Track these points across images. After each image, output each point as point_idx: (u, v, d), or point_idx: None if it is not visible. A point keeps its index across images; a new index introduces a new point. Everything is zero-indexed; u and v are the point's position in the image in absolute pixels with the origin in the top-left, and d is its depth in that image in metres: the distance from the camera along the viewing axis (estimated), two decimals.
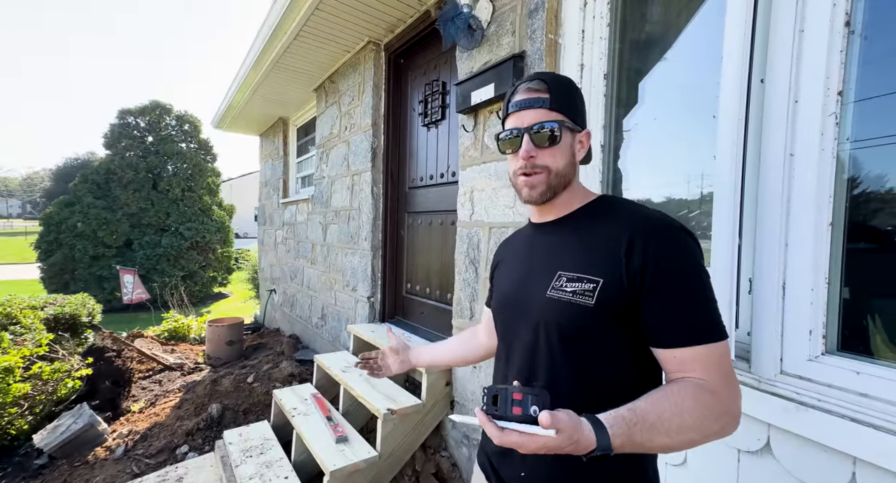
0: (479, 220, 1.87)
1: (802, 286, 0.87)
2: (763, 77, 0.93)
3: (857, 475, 0.78)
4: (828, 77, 0.82)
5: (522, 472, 0.70)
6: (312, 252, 3.87)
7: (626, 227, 0.63)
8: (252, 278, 6.71)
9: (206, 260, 10.25)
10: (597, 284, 0.62)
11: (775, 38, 0.90)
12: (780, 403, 0.88)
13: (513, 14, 1.70)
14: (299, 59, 3.19)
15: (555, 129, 0.67)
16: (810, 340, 0.86)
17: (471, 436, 1.93)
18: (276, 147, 5.19)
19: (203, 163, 11.06)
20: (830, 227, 0.84)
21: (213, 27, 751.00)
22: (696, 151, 1.37)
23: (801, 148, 0.86)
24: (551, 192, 0.71)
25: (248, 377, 3.05)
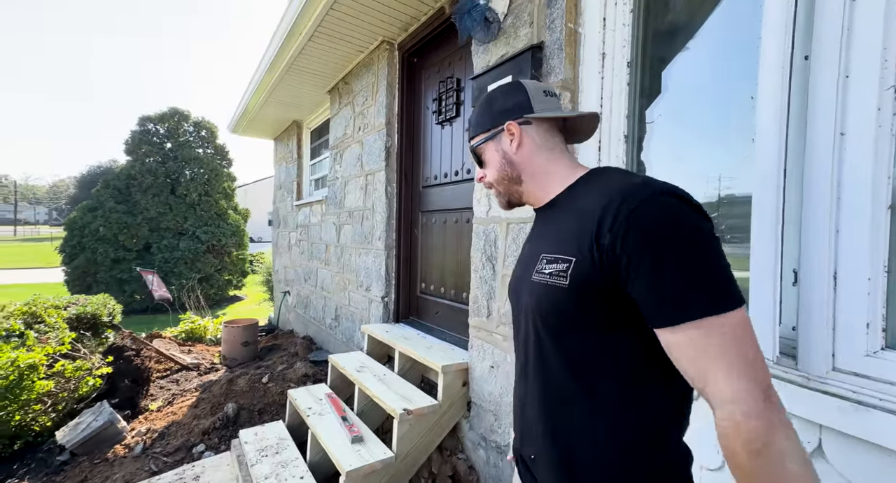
0: (496, 217, 1.83)
1: (857, 276, 0.80)
2: (807, 54, 0.87)
3: None
4: (885, 48, 0.76)
5: (533, 453, 0.70)
6: (326, 253, 3.88)
7: (599, 200, 0.57)
8: (266, 281, 6.78)
9: (222, 263, 10.43)
10: (569, 264, 0.58)
11: (822, 11, 0.84)
12: (834, 403, 0.81)
13: (530, 5, 1.67)
14: (314, 60, 3.21)
15: (475, 153, 0.80)
16: (868, 334, 0.79)
17: (488, 438, 1.87)
18: (289, 150, 5.24)
19: (219, 168, 11.29)
20: (889, 210, 0.77)
21: (230, 30, 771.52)
22: (723, 144, 1.31)
23: (854, 126, 0.79)
24: (505, 198, 0.80)
25: (262, 377, 3.05)
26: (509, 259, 1.75)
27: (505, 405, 1.77)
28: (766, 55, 0.92)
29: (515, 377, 0.77)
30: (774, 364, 0.92)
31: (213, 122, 11.79)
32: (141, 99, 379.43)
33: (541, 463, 0.68)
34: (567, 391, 0.62)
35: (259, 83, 3.84)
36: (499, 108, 0.75)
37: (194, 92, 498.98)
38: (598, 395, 0.60)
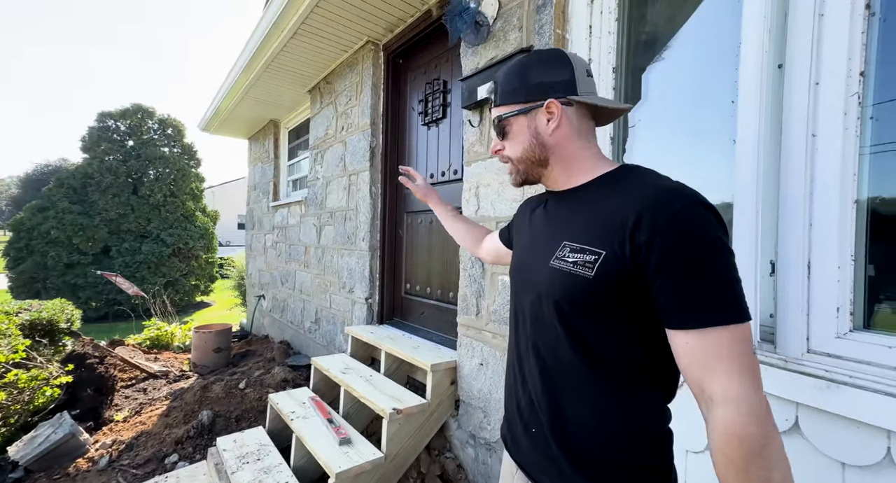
0: (486, 215, 1.86)
1: (828, 264, 0.88)
2: (781, 62, 0.95)
3: (892, 449, 0.78)
4: (850, 58, 0.84)
5: (533, 426, 0.72)
6: (305, 255, 3.79)
7: (636, 199, 0.58)
8: (238, 285, 6.52)
9: (189, 267, 9.95)
10: (598, 257, 0.59)
11: (794, 24, 0.92)
12: (810, 382, 0.88)
13: (520, 10, 1.72)
14: (295, 58, 3.15)
15: (500, 123, 0.73)
16: (838, 318, 0.87)
17: (477, 435, 1.88)
18: (266, 150, 5.10)
19: (186, 167, 10.81)
20: (855, 204, 0.85)
21: (196, 31, 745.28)
22: (704, 144, 1.40)
23: (824, 128, 0.88)
24: (522, 176, 0.75)
25: (239, 383, 2.93)
26: None
27: (494, 402, 1.79)
28: (745, 63, 1.00)
29: (514, 355, 0.78)
30: (755, 349, 0.99)
31: (179, 120, 11.29)
32: (99, 97, 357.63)
33: (541, 437, 0.69)
34: (575, 370, 0.65)
35: (235, 80, 3.73)
36: (537, 80, 0.68)
37: (160, 89, 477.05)
38: (602, 377, 0.63)
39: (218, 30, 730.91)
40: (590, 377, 0.64)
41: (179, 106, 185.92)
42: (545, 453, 0.68)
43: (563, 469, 0.65)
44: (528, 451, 0.72)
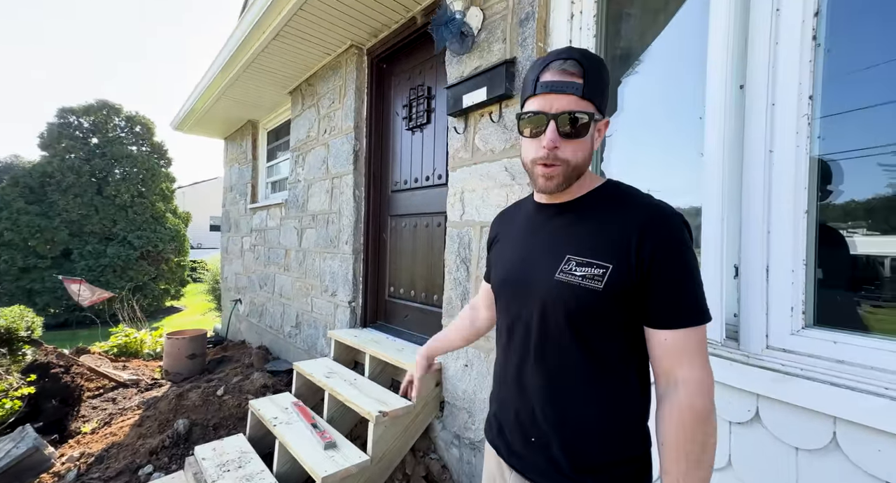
0: (471, 220, 1.90)
1: (784, 268, 0.97)
2: (742, 83, 1.05)
3: (837, 433, 0.87)
4: (800, 83, 0.94)
5: (533, 436, 0.74)
6: (286, 258, 3.73)
7: (637, 218, 0.65)
8: (213, 289, 6.31)
9: (159, 271, 9.54)
10: (606, 270, 0.64)
11: (753, 50, 1.02)
12: (768, 375, 0.97)
13: (503, 23, 1.79)
14: (276, 60, 3.12)
15: (584, 122, 0.64)
16: (792, 316, 0.96)
17: (462, 435, 1.92)
18: (243, 150, 4.99)
19: (156, 167, 10.38)
20: (806, 214, 0.95)
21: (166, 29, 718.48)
22: (674, 157, 1.50)
23: (779, 145, 0.97)
24: (566, 184, 0.70)
25: (217, 390, 2.85)
26: (483, 261, 1.83)
27: (479, 402, 1.84)
28: (711, 82, 1.09)
29: (510, 368, 0.78)
30: (721, 346, 1.07)
31: (149, 117, 10.84)
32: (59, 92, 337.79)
33: (542, 443, 0.72)
34: (582, 375, 0.69)
35: (213, 79, 3.64)
36: (607, 94, 0.70)
37: (128, 88, 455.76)
38: (606, 379, 0.69)
39: (191, 29, 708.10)
40: (595, 380, 0.69)
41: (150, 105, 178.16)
42: (544, 455, 0.71)
43: (561, 468, 0.69)
44: (526, 455, 0.74)
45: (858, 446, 0.84)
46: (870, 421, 0.81)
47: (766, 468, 0.98)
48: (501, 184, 1.76)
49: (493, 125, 1.80)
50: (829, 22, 0.94)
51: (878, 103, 0.94)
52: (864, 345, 0.87)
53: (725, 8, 1.05)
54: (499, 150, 1.78)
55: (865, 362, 0.86)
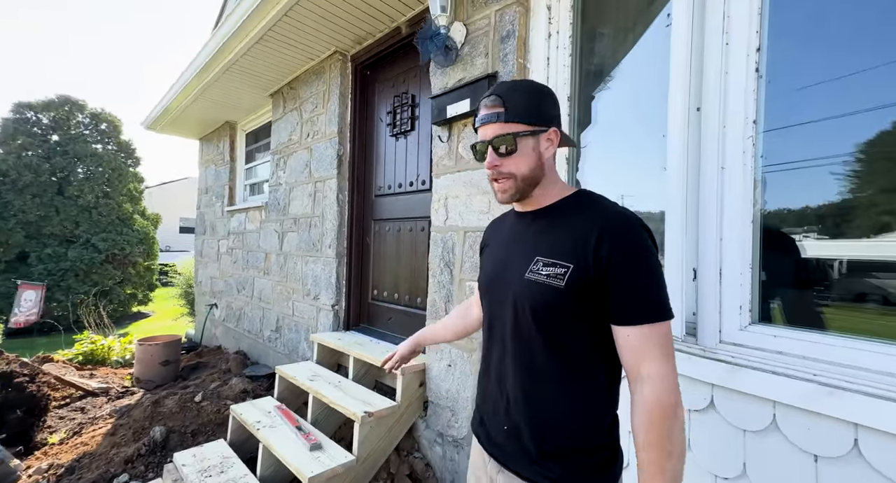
0: (454, 225, 1.98)
1: (734, 271, 1.10)
2: (699, 106, 1.18)
3: (777, 415, 1.00)
4: (746, 109, 1.07)
5: (506, 425, 0.80)
6: (266, 261, 3.70)
7: (597, 221, 0.72)
8: (185, 293, 6.12)
9: (125, 275, 9.14)
10: (567, 269, 0.71)
11: (707, 78, 1.15)
12: (721, 367, 1.09)
13: (486, 38, 1.88)
14: (259, 62, 3.11)
15: (510, 140, 0.75)
16: (740, 314, 1.09)
17: (446, 433, 1.99)
18: (220, 152, 4.90)
19: (123, 166, 9.96)
20: (752, 224, 1.08)
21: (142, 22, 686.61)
22: (637, 166, 1.64)
23: (730, 162, 1.10)
24: (519, 194, 0.79)
25: (195, 396, 2.80)
26: (466, 264, 1.91)
27: (462, 401, 1.91)
28: (672, 105, 1.21)
29: (488, 362, 0.87)
30: (682, 342, 1.19)
31: (115, 115, 10.38)
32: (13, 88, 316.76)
33: (515, 432, 0.78)
34: (549, 371, 0.75)
35: (191, 79, 3.59)
36: (547, 111, 0.79)
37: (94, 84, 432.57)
38: (572, 374, 0.75)
39: (169, 25, 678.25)
40: (563, 376, 0.74)
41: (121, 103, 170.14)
42: (518, 444, 0.78)
43: (531, 455, 0.76)
44: (503, 443, 0.81)
45: (793, 426, 0.96)
46: (802, 404, 0.94)
47: (720, 450, 1.10)
48: (484, 191, 1.85)
49: (476, 135, 1.89)
50: (769, 56, 1.08)
51: (809, 121, 1.08)
52: (798, 338, 1.00)
53: (685, 40, 1.18)
54: None
55: (799, 353, 0.99)
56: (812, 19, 1.11)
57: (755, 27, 1.09)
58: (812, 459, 0.94)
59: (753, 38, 1.08)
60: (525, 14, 1.80)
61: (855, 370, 0.93)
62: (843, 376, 0.93)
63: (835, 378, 0.94)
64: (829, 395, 0.92)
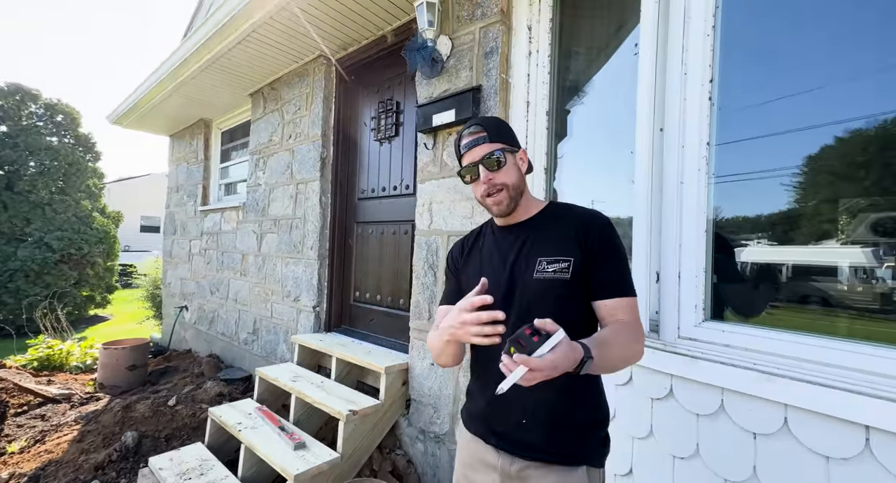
0: (438, 229, 2.07)
1: (690, 274, 1.24)
2: (662, 127, 1.32)
3: (724, 400, 1.14)
4: (700, 131, 1.22)
5: (523, 419, 0.88)
6: (243, 263, 3.64)
7: (577, 221, 0.89)
8: (152, 295, 5.86)
9: (82, 276, 8.61)
10: (570, 262, 0.85)
11: (669, 103, 1.30)
12: (679, 359, 1.23)
13: (470, 53, 1.99)
14: (241, 62, 3.09)
15: (500, 155, 0.90)
16: (695, 312, 1.24)
17: (427, 430, 2.06)
18: (193, 150, 4.77)
19: (81, 161, 9.39)
20: (705, 232, 1.23)
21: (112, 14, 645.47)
22: (609, 176, 1.79)
23: (688, 178, 1.25)
24: (514, 203, 0.92)
25: (168, 400, 2.74)
26: None
27: (444, 398, 1.99)
28: (640, 125, 1.35)
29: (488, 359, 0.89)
30: (646, 337, 1.32)
31: (73, 106, 9.79)
32: None
33: (529, 422, 0.87)
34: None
35: (167, 75, 3.50)
36: (514, 137, 0.96)
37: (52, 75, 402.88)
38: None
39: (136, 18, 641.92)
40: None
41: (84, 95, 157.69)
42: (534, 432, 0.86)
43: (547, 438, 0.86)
44: (517, 436, 0.88)
45: (738, 409, 1.11)
46: (744, 389, 1.09)
47: (678, 433, 1.23)
48: (467, 197, 1.95)
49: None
50: (720, 85, 1.24)
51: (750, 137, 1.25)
52: (742, 332, 1.16)
53: (650, 68, 1.32)
54: None
55: (743, 346, 1.15)
56: (757, 54, 1.28)
57: (708, 61, 1.25)
58: (752, 437, 1.09)
59: (707, 70, 1.24)
60: (507, 32, 1.91)
61: (788, 359, 1.09)
62: (778, 365, 1.09)
63: (771, 366, 1.09)
64: (766, 381, 1.07)
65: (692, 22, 1.27)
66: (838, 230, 1.18)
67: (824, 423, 1.00)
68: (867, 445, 0.96)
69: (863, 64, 1.12)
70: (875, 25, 1.12)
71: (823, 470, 1.01)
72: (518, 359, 0.65)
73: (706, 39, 1.24)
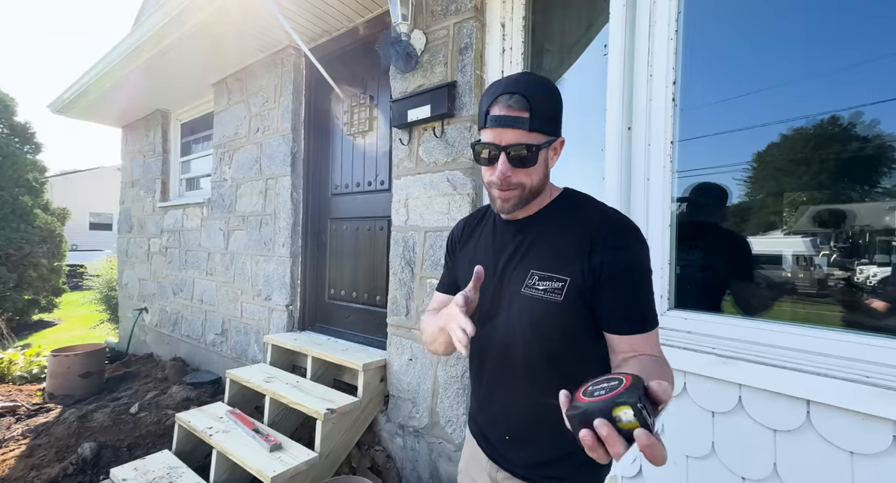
0: (415, 225, 2.07)
1: (657, 267, 1.32)
2: (630, 126, 1.39)
3: (687, 383, 1.23)
4: (665, 131, 1.29)
5: (507, 435, 0.81)
6: (209, 262, 3.49)
7: (589, 227, 0.70)
8: (106, 298, 5.48)
9: (24, 278, 7.92)
10: (564, 283, 0.69)
11: (636, 103, 1.36)
12: None
13: (445, 48, 1.99)
14: (203, 50, 2.93)
15: (532, 152, 0.68)
16: (661, 301, 1.32)
17: (406, 424, 2.07)
18: (150, 142, 4.48)
19: (19, 153, 8.58)
20: (669, 227, 1.31)
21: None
22: (581, 172, 1.85)
23: (654, 175, 1.32)
24: (523, 204, 0.74)
25: (129, 408, 2.59)
26: (427, 262, 2.01)
27: (423, 392, 2.01)
28: (609, 124, 1.41)
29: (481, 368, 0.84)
30: None
31: (6, 92, 8.91)
32: None
33: (513, 442, 0.80)
34: (540, 379, 0.74)
35: (118, 61, 3.25)
36: (559, 119, 0.73)
37: None
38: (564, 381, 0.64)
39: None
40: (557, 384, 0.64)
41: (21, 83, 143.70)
42: (517, 451, 0.79)
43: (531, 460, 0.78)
44: (503, 450, 0.82)
45: (698, 391, 1.20)
46: (704, 372, 1.18)
47: None
48: (444, 193, 1.96)
49: (436, 140, 1.99)
50: (682, 88, 1.32)
51: (706, 135, 1.34)
52: (703, 319, 1.25)
53: (618, 69, 1.38)
54: (441, 163, 1.97)
55: (703, 332, 1.23)
56: (716, 58, 1.37)
57: (672, 64, 1.32)
58: (710, 415, 1.18)
59: (671, 72, 1.31)
60: (481, 29, 1.93)
61: (743, 343, 1.18)
62: (735, 349, 1.18)
63: (728, 350, 1.18)
64: (723, 364, 1.16)
65: (657, 26, 1.34)
66: (783, 221, 1.29)
67: (772, 400, 1.10)
68: (808, 418, 1.06)
69: (805, 68, 1.23)
70: (814, 33, 1.23)
71: (771, 442, 1.11)
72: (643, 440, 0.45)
73: (670, 43, 1.31)
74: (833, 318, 1.18)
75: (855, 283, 1.16)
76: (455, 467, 1.86)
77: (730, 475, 1.16)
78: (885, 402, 0.95)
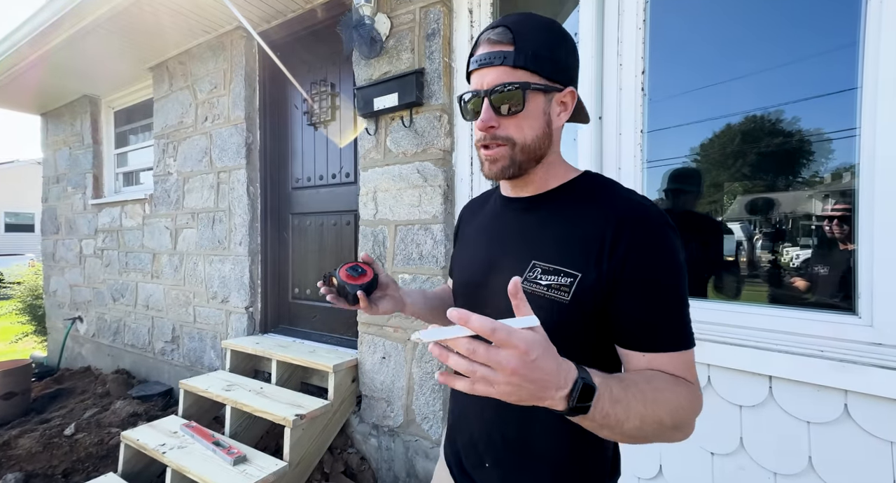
0: (385, 219, 1.99)
1: None
2: (601, 115, 1.40)
3: None
4: (635, 120, 1.32)
5: (486, 461, 0.67)
6: (155, 263, 3.18)
7: (609, 217, 0.56)
8: (31, 307, 4.87)
9: None
10: (574, 279, 0.55)
11: (607, 92, 1.38)
12: None
13: (411, 34, 1.91)
14: (135, 27, 2.63)
15: (518, 96, 0.55)
16: None
17: (381, 424, 2.01)
18: (77, 132, 4.01)
19: None
20: None
21: None
22: None
23: (625, 164, 1.34)
24: (515, 168, 0.60)
25: (63, 430, 2.32)
26: (399, 257, 1.94)
27: (397, 390, 1.95)
28: None
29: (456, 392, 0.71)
30: None
31: None
32: None
33: (497, 470, 0.66)
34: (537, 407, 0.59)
35: (32, 37, 2.84)
36: (566, 61, 0.59)
37: None
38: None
39: None
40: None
41: None
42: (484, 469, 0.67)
43: None
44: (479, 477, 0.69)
45: None
46: None
47: None
48: (414, 185, 1.89)
49: (405, 130, 1.92)
50: (650, 77, 1.34)
51: (672, 126, 1.38)
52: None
53: (590, 57, 1.38)
54: (411, 154, 1.90)
55: None
56: (679, 49, 1.41)
57: (640, 53, 1.34)
58: None
59: (639, 62, 1.33)
60: (448, 14, 1.87)
61: (711, 325, 1.24)
62: (703, 331, 1.23)
63: (697, 333, 1.23)
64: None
65: (625, 15, 1.35)
66: (723, 209, 1.37)
67: (738, 378, 1.16)
68: (770, 393, 1.13)
69: (748, 65, 1.30)
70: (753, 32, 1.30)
71: (737, 418, 1.17)
72: (458, 316, 0.38)
73: (638, 32, 1.33)
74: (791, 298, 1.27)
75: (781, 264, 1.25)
76: (433, 465, 1.83)
77: (700, 451, 1.21)
78: (837, 374, 1.02)
